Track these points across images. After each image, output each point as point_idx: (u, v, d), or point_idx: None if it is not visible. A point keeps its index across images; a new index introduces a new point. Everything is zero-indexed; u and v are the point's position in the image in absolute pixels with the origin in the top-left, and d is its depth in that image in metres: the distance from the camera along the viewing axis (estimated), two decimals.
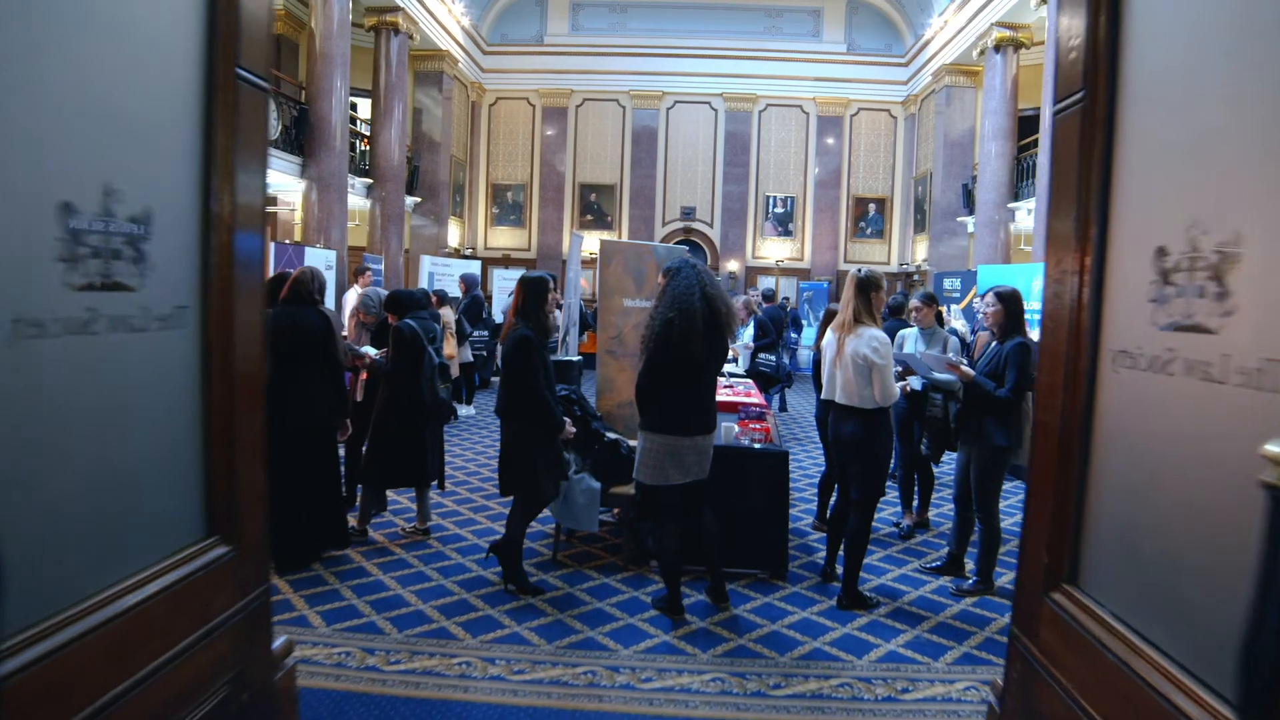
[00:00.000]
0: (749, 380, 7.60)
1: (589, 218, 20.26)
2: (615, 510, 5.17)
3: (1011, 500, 6.43)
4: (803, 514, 6.05)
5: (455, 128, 18.55)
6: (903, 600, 4.41)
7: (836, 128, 20.12)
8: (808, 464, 8.04)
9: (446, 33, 17.11)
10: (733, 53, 19.79)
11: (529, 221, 20.55)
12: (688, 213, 20.32)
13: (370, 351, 5.17)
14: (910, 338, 5.56)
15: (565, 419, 4.28)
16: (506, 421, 4.31)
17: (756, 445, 4.52)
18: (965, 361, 4.59)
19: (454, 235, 19.10)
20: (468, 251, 19.67)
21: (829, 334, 4.31)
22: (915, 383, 5.22)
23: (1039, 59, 14.10)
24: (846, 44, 19.81)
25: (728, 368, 8.55)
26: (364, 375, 5.28)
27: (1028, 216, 13.51)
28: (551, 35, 20.10)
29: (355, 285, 9.76)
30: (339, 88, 12.52)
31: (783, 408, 11.06)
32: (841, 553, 4.40)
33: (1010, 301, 4.44)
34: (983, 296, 4.55)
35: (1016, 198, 14.25)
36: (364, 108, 16.40)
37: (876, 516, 4.86)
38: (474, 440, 8.59)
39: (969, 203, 16.07)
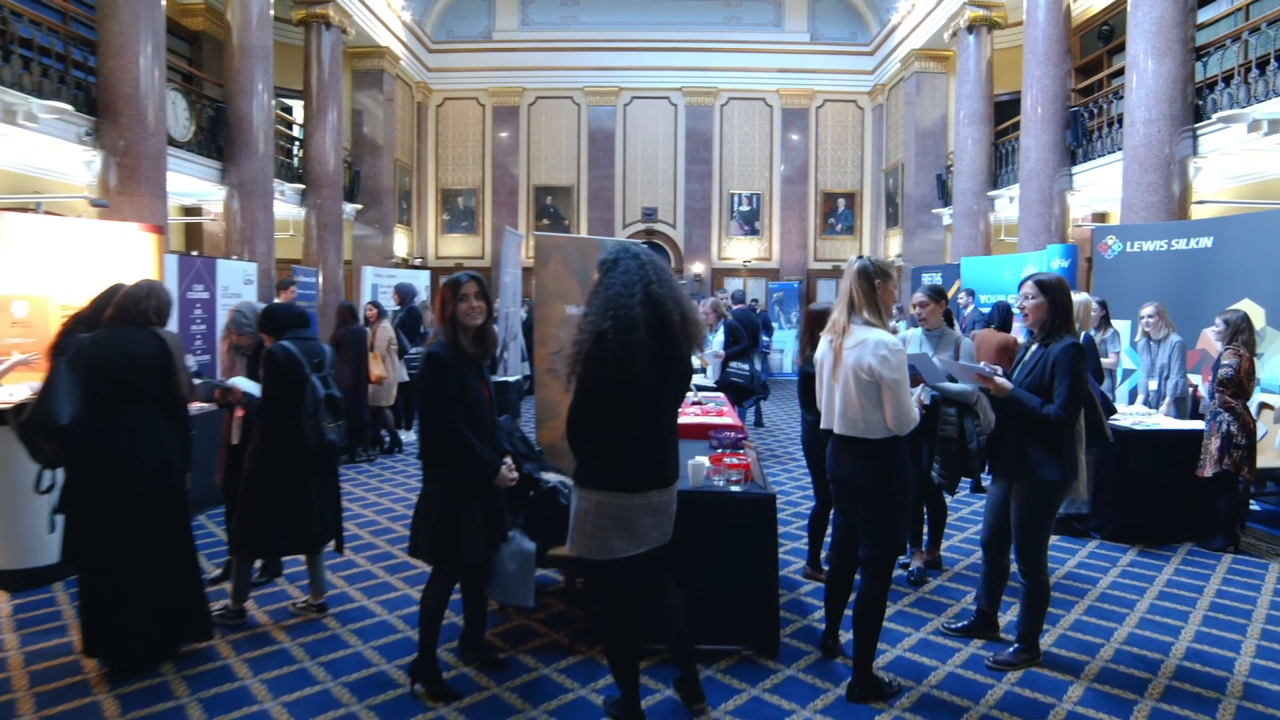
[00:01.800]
0: (720, 394, 6.61)
1: (545, 222, 19.22)
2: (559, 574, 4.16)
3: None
4: (791, 555, 5.06)
5: (399, 130, 17.43)
6: (929, 681, 3.43)
7: (802, 120, 19.28)
8: (791, 488, 7.06)
9: (386, 28, 16.00)
10: (691, 45, 18.90)
11: (482, 228, 19.45)
12: (649, 214, 19.35)
13: (241, 383, 4.10)
14: (914, 341, 4.61)
15: (503, 459, 3.28)
16: (424, 467, 3.31)
17: (734, 488, 3.51)
18: (999, 370, 3.63)
19: (401, 244, 17.96)
20: (417, 261, 18.53)
21: (822, 341, 3.32)
22: (923, 394, 4.27)
23: (1014, 41, 13.37)
24: (809, 33, 18.99)
25: (695, 379, 7.57)
26: (239, 413, 4.20)
27: (1009, 205, 12.71)
28: (500, 31, 19.06)
29: (278, 300, 8.64)
30: (260, 85, 11.37)
31: (758, 422, 10.08)
32: (846, 617, 3.43)
33: (1055, 292, 3.49)
34: (1020, 286, 3.59)
35: (995, 185, 13.45)
36: (299, 110, 15.23)
37: None
38: (407, 476, 7.52)
39: (944, 194, 15.29)
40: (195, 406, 4.38)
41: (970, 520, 5.99)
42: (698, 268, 19.01)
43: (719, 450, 4.23)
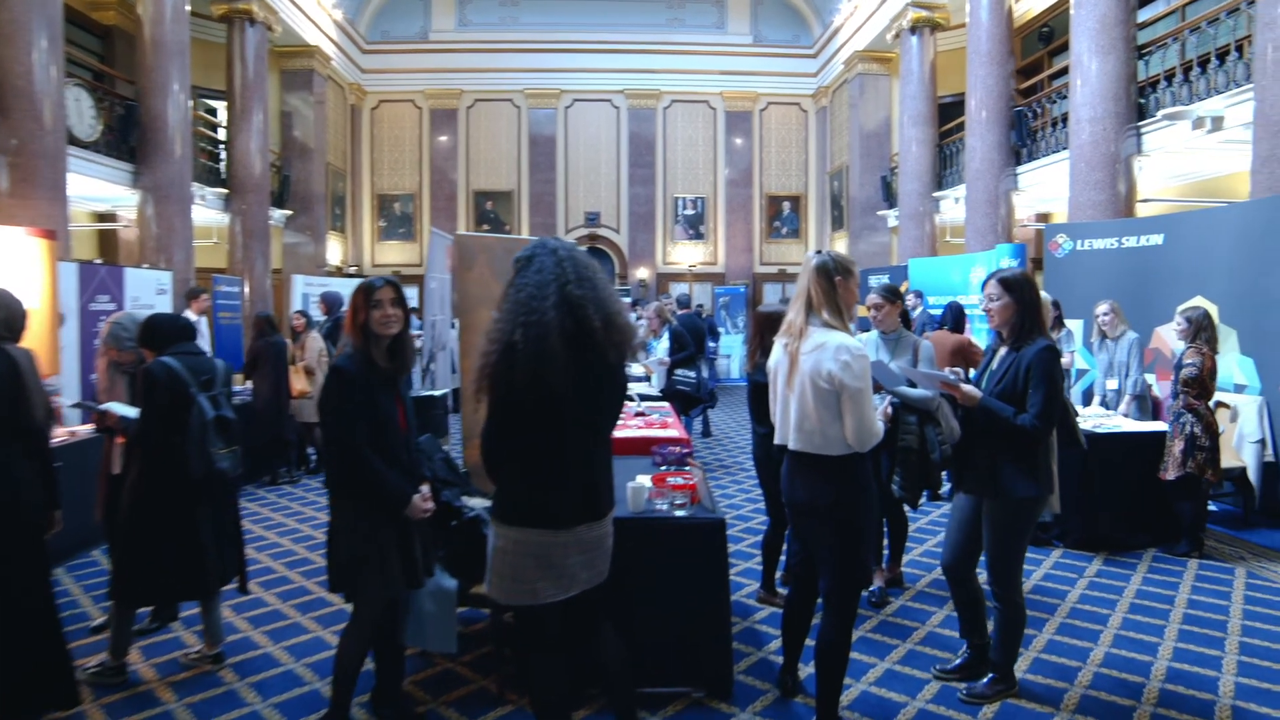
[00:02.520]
0: (666, 404, 6.25)
1: (485, 227, 18.68)
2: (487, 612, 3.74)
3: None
4: (743, 578, 4.71)
5: (332, 133, 16.76)
6: None
7: (745, 123, 19.10)
8: (742, 501, 6.73)
9: (315, 26, 15.35)
10: (633, 46, 18.59)
11: (420, 234, 18.83)
12: (592, 218, 18.97)
13: (116, 408, 3.59)
14: (869, 345, 4.30)
15: (420, 489, 2.87)
16: (330, 494, 2.91)
17: (679, 513, 3.13)
18: (963, 376, 3.32)
19: (335, 252, 17.27)
20: (352, 269, 17.85)
21: (776, 346, 2.97)
22: (887, 405, 3.96)
23: (956, 43, 13.34)
24: (752, 35, 18.84)
25: (639, 388, 7.20)
26: (119, 439, 3.69)
27: (954, 206, 12.64)
28: (437, 31, 18.51)
29: (188, 311, 8.04)
30: (176, 83, 10.70)
31: (706, 431, 9.73)
32: (807, 647, 3.08)
33: (1022, 289, 3.16)
34: (983, 287, 3.28)
35: (940, 186, 13.39)
36: (225, 112, 14.49)
37: None
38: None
39: (889, 196, 15.22)
40: (70, 432, 3.85)
41: (929, 531, 5.72)
42: (642, 273, 18.68)
43: (662, 469, 3.88)
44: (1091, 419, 5.64)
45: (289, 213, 15.10)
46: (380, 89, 18.63)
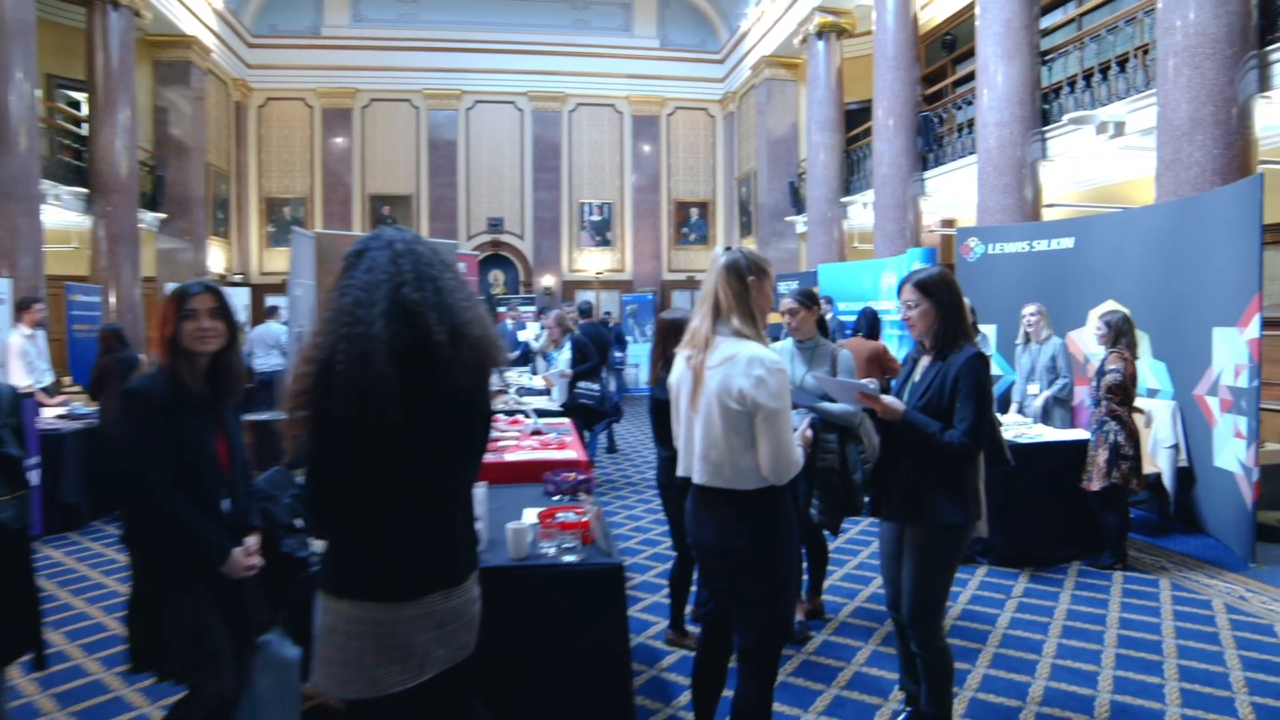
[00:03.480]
0: (566, 421, 5.74)
1: None
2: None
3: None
4: (650, 614, 4.24)
5: (213, 131, 15.62)
6: None
7: (653, 128, 18.78)
8: (650, 523, 6.27)
9: (193, 15, 14.26)
10: (538, 48, 18.04)
11: None
12: (495, 224, 18.30)
13: None
14: (784, 355, 3.89)
15: (245, 541, 2.33)
16: (127, 547, 2.33)
17: (569, 558, 2.62)
18: (877, 388, 2.93)
19: (218, 259, 16.09)
20: (237, 277, 16.70)
21: (678, 359, 2.51)
22: (806, 427, 3.56)
23: (863, 50, 13.30)
24: (659, 39, 18.55)
25: (538, 401, 6.68)
26: None
27: (863, 211, 12.55)
28: (330, 26, 17.55)
29: (20, 325, 7.11)
30: (20, 70, 9.59)
31: (611, 447, 9.22)
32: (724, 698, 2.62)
33: (943, 292, 2.77)
34: (899, 293, 2.89)
35: (848, 192, 13.31)
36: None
37: None
38: None
39: (797, 202, 15.11)
40: None
41: (848, 551, 5.38)
42: (548, 280, 18.11)
43: (555, 500, 3.38)
44: (1012, 428, 5.40)
45: (163, 216, 13.94)
46: (268, 86, 17.53)
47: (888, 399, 2.73)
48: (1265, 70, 6.38)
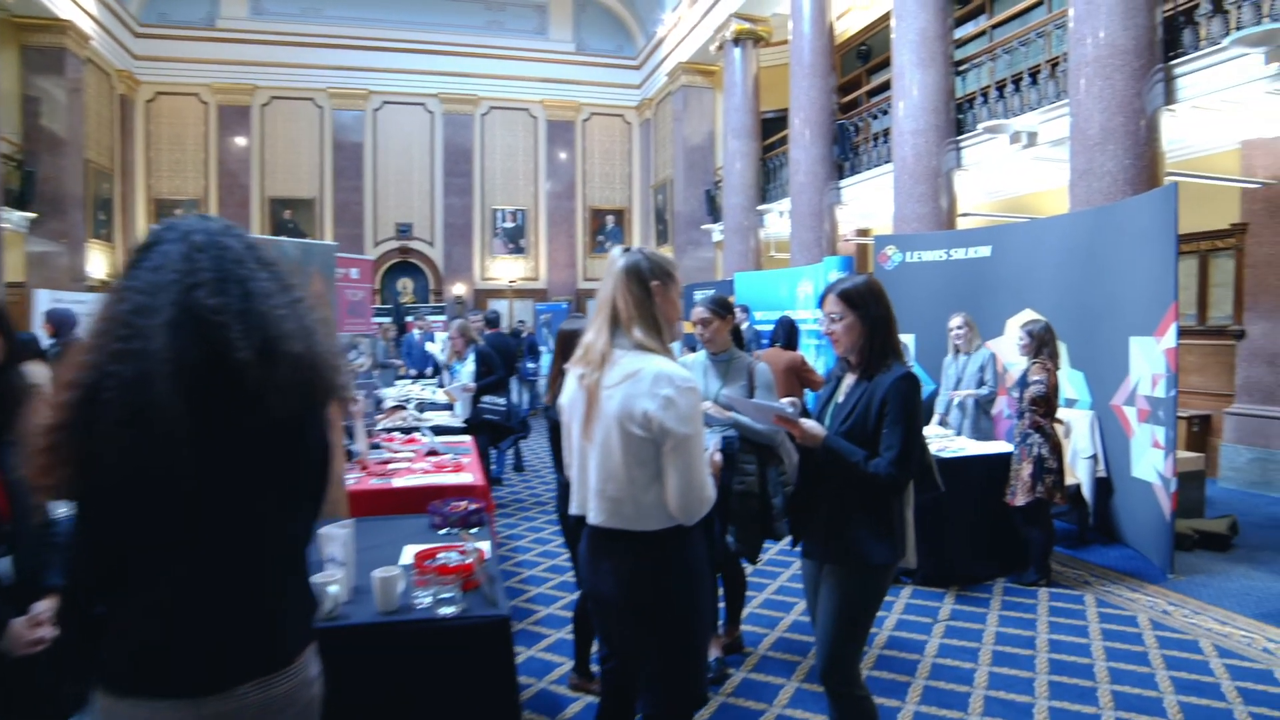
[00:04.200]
0: (467, 439, 5.30)
1: (284, 239, 16.86)
2: None
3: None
4: (553, 654, 3.85)
5: (93, 125, 14.52)
6: None
7: (568, 134, 18.42)
8: (557, 548, 5.86)
9: None
10: (449, 48, 17.50)
11: None
12: (404, 230, 17.60)
13: None
14: (696, 368, 3.57)
15: (32, 608, 1.88)
16: None
17: (447, 610, 2.20)
18: (800, 408, 2.62)
19: (99, 263, 14.95)
20: None
21: (569, 379, 2.13)
22: (715, 450, 3.23)
23: (779, 59, 13.27)
24: (575, 43, 18.23)
25: (440, 417, 6.22)
26: None
27: (779, 220, 12.45)
28: (226, 19, 16.61)
29: None
30: None
31: (519, 466, 8.66)
32: None
33: (870, 304, 2.46)
34: (821, 304, 2.58)
35: (764, 200, 13.21)
36: None
37: None
38: None
39: (713, 210, 14.96)
40: None
41: (766, 573, 5.09)
42: (459, 289, 17.51)
43: (442, 534, 2.97)
44: (934, 441, 5.22)
45: (33, 216, 12.83)
46: (158, 79, 16.44)
47: (807, 423, 2.41)
48: (1170, 84, 6.44)
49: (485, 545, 2.79)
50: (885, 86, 10.25)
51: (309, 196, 17.27)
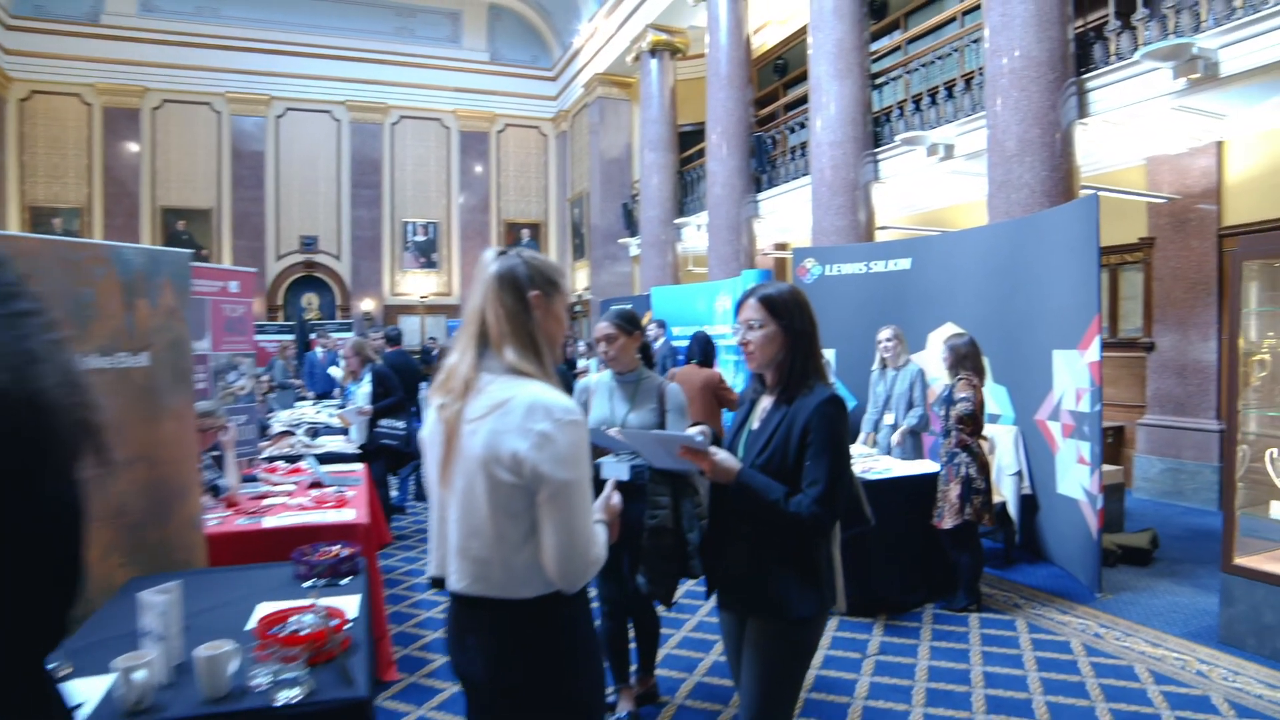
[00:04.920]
0: (359, 467, 4.82)
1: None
2: None
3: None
4: (445, 713, 3.41)
5: None
6: None
7: (482, 145, 17.93)
8: None
9: None
10: (357, 54, 16.83)
11: None
12: (309, 243, 16.78)
13: None
14: (601, 390, 3.22)
15: None
16: None
17: (289, 695, 1.76)
18: (708, 435, 2.27)
19: None
20: None
21: (429, 413, 1.72)
22: (613, 468, 2.89)
23: (696, 73, 13.13)
24: (489, 53, 17.78)
25: (335, 443, 5.71)
26: None
27: (696, 233, 12.25)
28: (113, 14, 15.53)
29: None
30: None
31: (420, 494, 7.95)
32: None
33: (793, 314, 2.15)
34: (737, 311, 2.25)
35: (682, 213, 13.00)
36: None
37: None
38: None
39: (630, 224, 14.69)
40: None
41: (683, 606, 4.75)
42: (368, 305, 16.78)
43: (307, 586, 2.53)
44: (859, 461, 4.99)
45: None
46: (33, 76, 15.23)
47: (719, 455, 2.05)
48: (1083, 97, 6.44)
49: (351, 602, 2.37)
50: (802, 100, 10.16)
51: (205, 207, 16.29)
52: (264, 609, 2.31)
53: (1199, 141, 7.14)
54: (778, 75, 13.10)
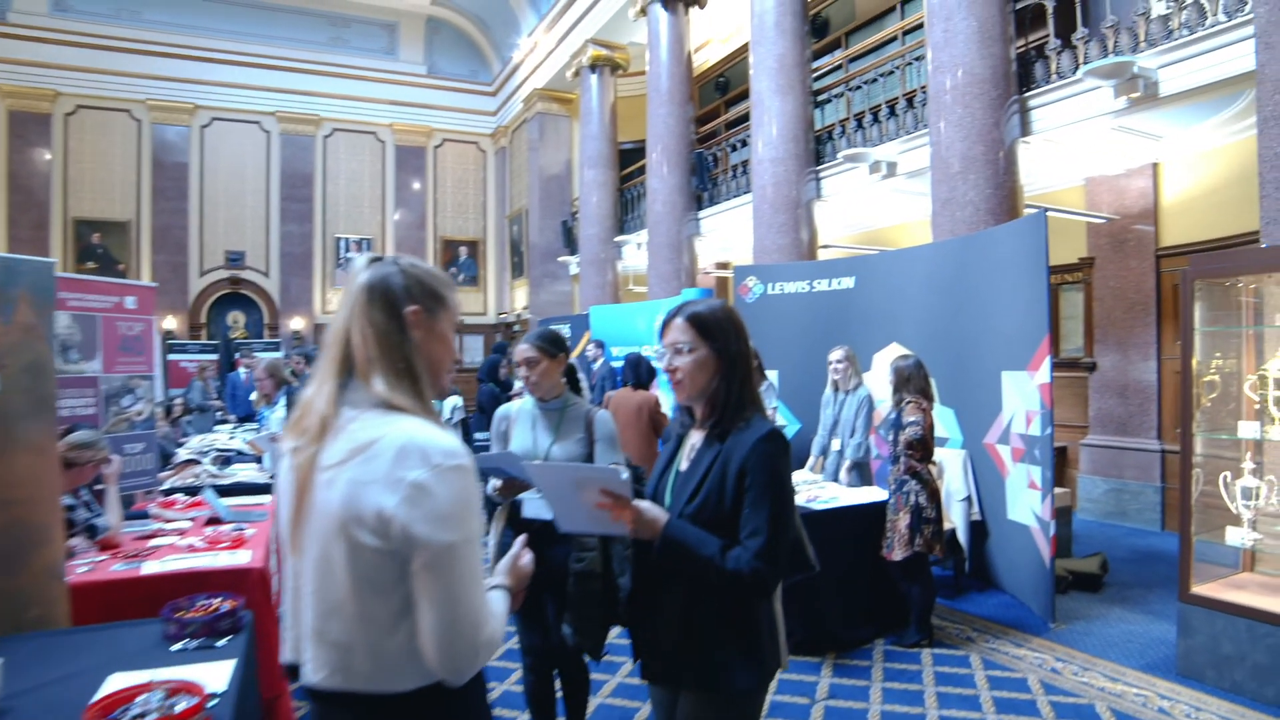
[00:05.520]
0: (267, 499, 4.40)
1: (91, 265, 15.03)
2: None
3: None
4: None
5: None
6: None
7: (419, 160, 17.47)
8: None
9: None
10: (288, 64, 16.29)
11: None
12: (235, 259, 16.08)
13: None
14: (522, 419, 2.91)
15: None
16: None
17: None
18: (628, 481, 1.94)
19: None
20: None
21: (285, 456, 1.35)
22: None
23: (637, 90, 12.94)
24: (427, 66, 17.37)
25: (247, 471, 5.27)
26: None
27: (637, 252, 12.01)
28: (21, 12, 14.66)
29: None
30: None
31: None
32: None
33: (725, 335, 1.85)
34: (662, 332, 1.93)
35: (622, 231, 12.76)
36: None
37: None
38: None
39: (570, 242, 14.40)
40: None
41: (616, 647, 4.41)
42: (297, 324, 16.11)
43: (176, 649, 2.16)
44: (803, 490, 4.75)
45: None
46: None
47: (643, 507, 1.73)
48: (1025, 115, 6.39)
49: (224, 669, 2.01)
50: (744, 118, 10.03)
51: (123, 219, 15.49)
52: (115, 682, 1.93)
53: (1136, 163, 7.17)
54: (719, 93, 13.01)
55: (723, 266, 12.41)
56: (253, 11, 16.13)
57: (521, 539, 1.55)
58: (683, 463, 1.90)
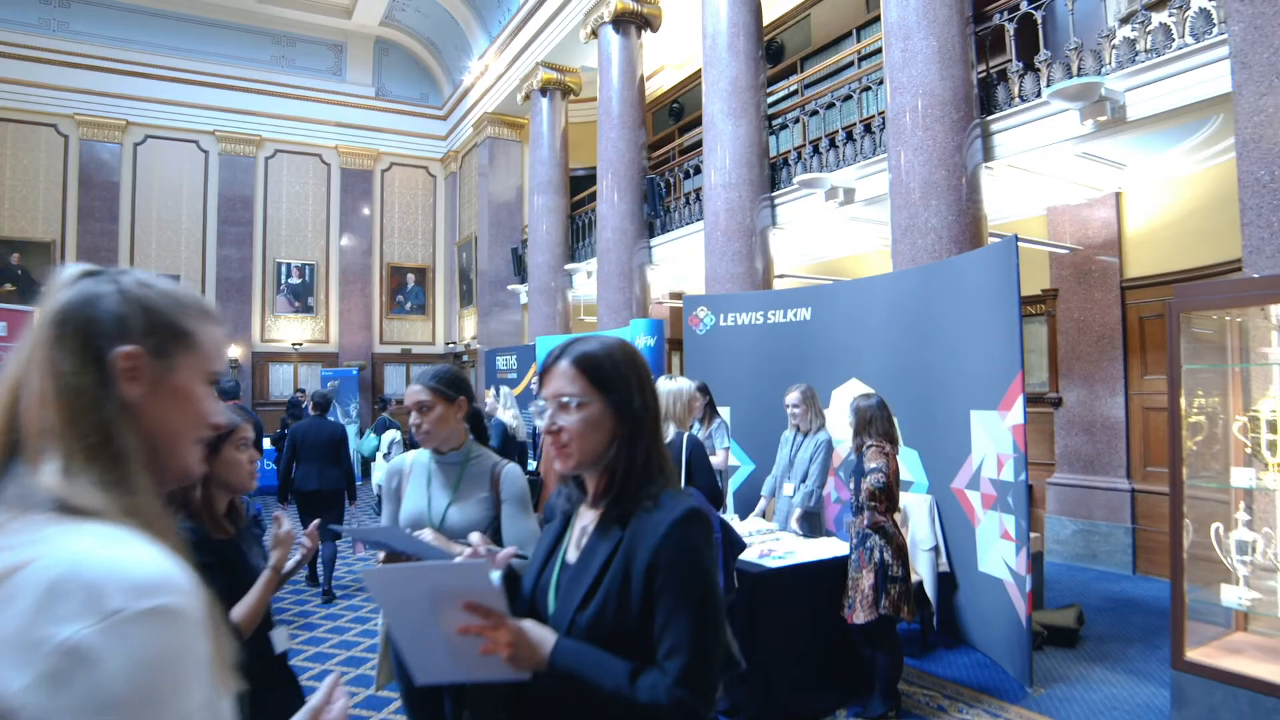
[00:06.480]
0: None
1: (9, 288, 14.14)
2: None
3: None
4: None
5: None
6: None
7: (365, 183, 16.88)
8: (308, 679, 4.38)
9: None
10: (228, 82, 15.64)
11: None
12: None
13: None
14: (417, 473, 2.40)
15: None
16: None
17: None
18: (499, 579, 1.44)
19: None
20: None
21: None
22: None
23: (588, 116, 12.60)
24: (375, 88, 16.86)
25: None
26: None
27: (587, 280, 11.56)
28: None
29: None
30: None
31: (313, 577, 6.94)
32: None
33: (627, 380, 1.37)
34: (541, 380, 1.43)
35: (573, 259, 12.31)
36: None
37: None
38: None
39: (520, 270, 13.91)
40: None
41: None
42: (234, 351, 15.34)
43: None
44: (755, 543, 4.28)
45: None
46: None
47: (522, 627, 1.23)
48: (988, 140, 6.10)
49: None
50: (698, 144, 9.67)
51: (46, 239, 14.62)
52: None
53: (1099, 192, 6.94)
54: (674, 119, 12.70)
55: (676, 297, 12.01)
56: (192, 27, 15.51)
57: (328, 682, 1.05)
58: (570, 552, 1.40)
